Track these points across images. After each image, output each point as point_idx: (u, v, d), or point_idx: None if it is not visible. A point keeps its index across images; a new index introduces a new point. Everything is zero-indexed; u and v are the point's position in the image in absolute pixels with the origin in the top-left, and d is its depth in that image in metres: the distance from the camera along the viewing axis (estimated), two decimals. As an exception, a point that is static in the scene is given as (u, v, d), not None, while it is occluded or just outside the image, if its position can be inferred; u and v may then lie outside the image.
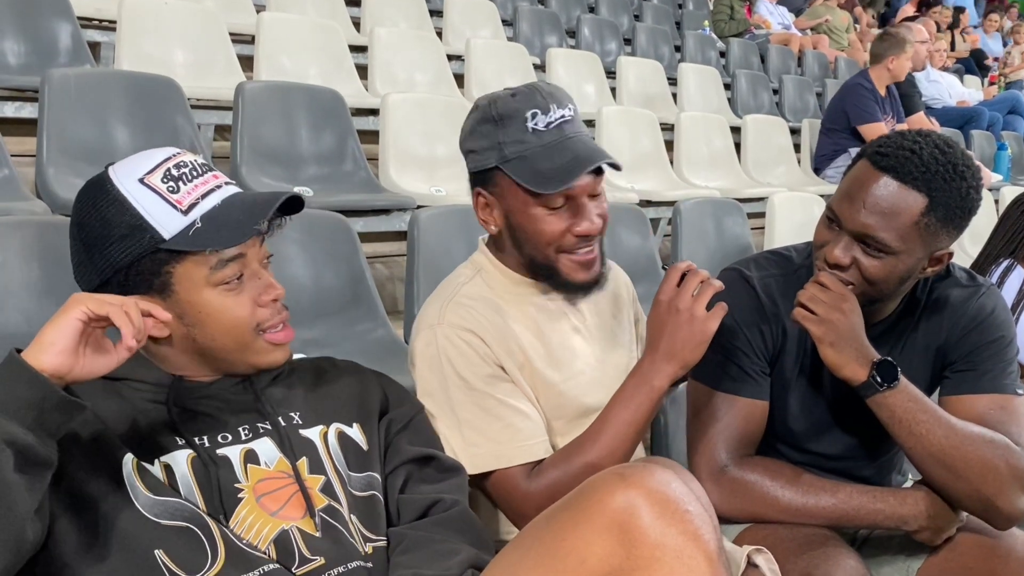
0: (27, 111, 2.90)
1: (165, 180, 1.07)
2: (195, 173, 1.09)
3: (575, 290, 1.39)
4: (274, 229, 1.14)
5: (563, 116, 1.31)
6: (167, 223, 1.06)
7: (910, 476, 1.63)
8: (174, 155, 1.10)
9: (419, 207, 2.77)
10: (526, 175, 1.28)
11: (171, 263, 1.07)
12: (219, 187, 1.10)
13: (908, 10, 9.38)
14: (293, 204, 1.13)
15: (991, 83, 8.67)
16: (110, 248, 1.06)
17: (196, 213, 1.07)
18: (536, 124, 1.29)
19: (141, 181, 1.07)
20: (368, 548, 1.12)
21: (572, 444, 1.34)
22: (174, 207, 1.06)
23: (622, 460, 1.29)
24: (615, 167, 1.32)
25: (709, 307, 1.28)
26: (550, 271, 1.36)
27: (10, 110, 2.92)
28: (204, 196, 1.08)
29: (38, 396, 0.91)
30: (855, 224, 1.28)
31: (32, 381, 0.91)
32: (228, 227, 1.07)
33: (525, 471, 1.31)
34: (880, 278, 1.29)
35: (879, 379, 1.27)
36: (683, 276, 1.30)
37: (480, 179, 1.35)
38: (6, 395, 0.90)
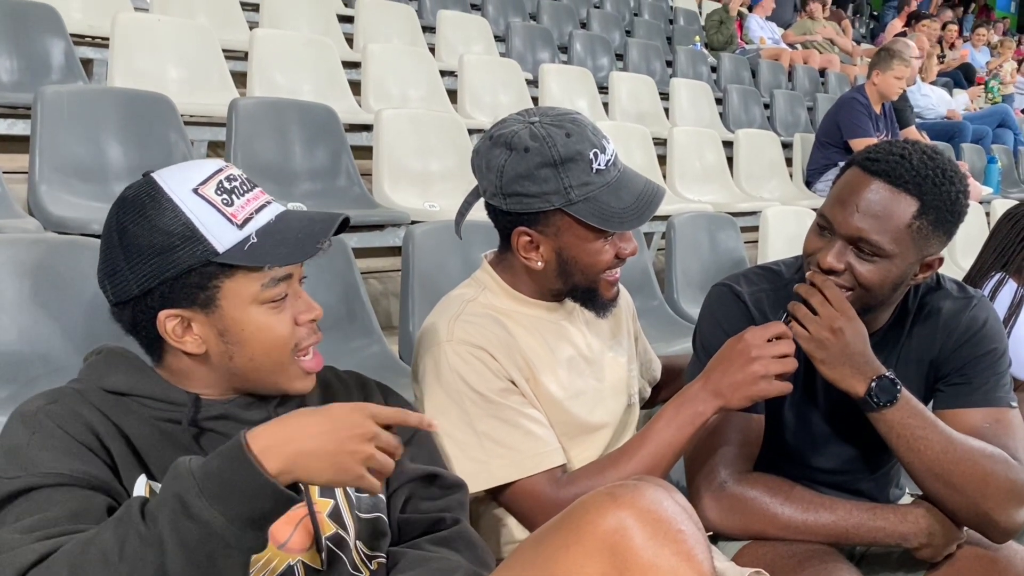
0: (19, 128, 2.88)
1: (219, 192, 1.05)
2: (245, 187, 1.08)
3: (609, 307, 1.41)
4: (326, 248, 1.10)
5: (615, 151, 1.32)
6: (221, 236, 1.03)
7: (907, 491, 1.63)
8: (223, 167, 1.07)
9: (413, 222, 2.77)
10: (596, 216, 1.28)
11: (220, 277, 1.04)
12: (268, 203, 1.09)
13: (897, 25, 9.44)
14: (342, 223, 1.12)
15: (977, 84, 8.73)
16: (158, 258, 1.02)
17: (251, 228, 1.05)
18: (599, 164, 1.29)
19: (195, 191, 1.04)
20: (373, 565, 1.12)
21: (608, 457, 1.35)
22: (229, 220, 1.04)
23: None
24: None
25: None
26: (591, 293, 1.38)
27: (2, 127, 2.91)
28: (258, 211, 1.07)
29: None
30: (848, 228, 1.27)
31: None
32: (287, 244, 1.06)
33: (549, 478, 1.31)
34: (874, 283, 1.29)
35: (877, 396, 1.27)
36: (778, 337, 1.26)
37: (529, 220, 1.31)
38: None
